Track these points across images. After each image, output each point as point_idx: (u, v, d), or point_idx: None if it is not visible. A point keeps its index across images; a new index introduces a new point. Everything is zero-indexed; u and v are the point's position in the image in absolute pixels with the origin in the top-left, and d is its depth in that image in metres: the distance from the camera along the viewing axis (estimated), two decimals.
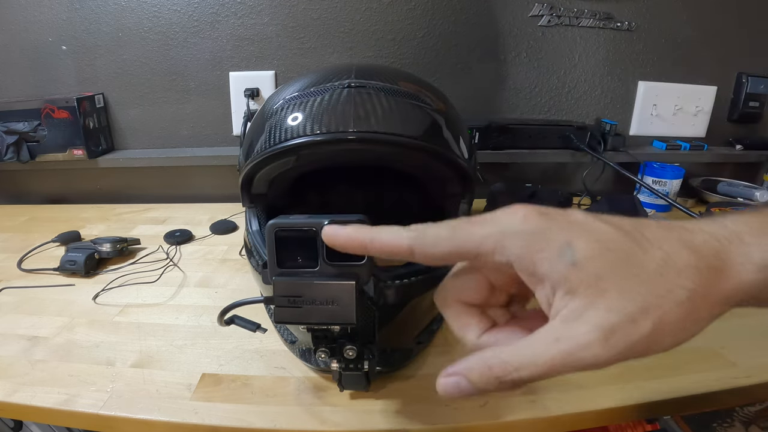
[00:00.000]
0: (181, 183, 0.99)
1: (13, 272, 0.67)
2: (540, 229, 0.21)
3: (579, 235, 0.21)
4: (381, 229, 0.25)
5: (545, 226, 0.21)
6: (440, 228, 0.24)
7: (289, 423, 0.40)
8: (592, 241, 0.21)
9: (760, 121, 1.02)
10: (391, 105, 0.42)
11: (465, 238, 0.23)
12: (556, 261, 0.21)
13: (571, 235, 0.21)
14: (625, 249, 0.20)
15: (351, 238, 0.25)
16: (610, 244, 0.20)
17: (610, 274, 0.20)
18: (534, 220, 0.22)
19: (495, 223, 0.23)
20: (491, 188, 0.83)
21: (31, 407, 0.43)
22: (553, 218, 0.22)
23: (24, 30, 0.90)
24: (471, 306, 0.26)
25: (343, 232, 0.26)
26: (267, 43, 0.91)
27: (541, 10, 0.90)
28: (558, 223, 0.21)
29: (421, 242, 0.23)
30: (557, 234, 0.21)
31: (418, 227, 0.24)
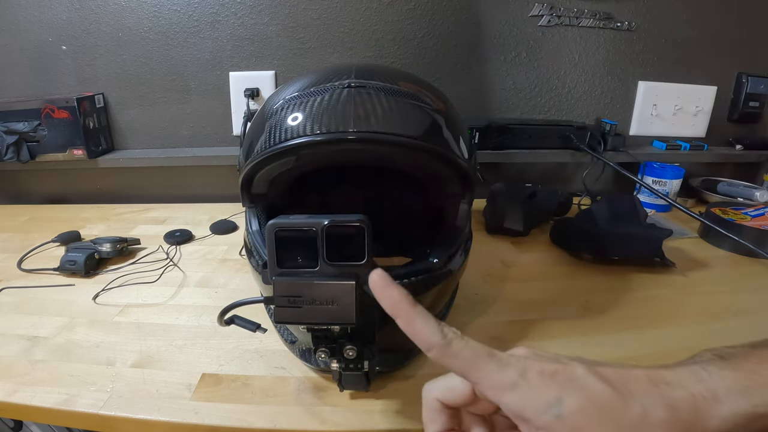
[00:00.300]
0: (181, 183, 0.99)
1: (13, 272, 0.67)
2: (540, 386, 0.24)
3: (572, 393, 0.24)
4: (421, 314, 0.27)
5: (545, 383, 0.24)
6: (465, 347, 0.26)
7: (289, 423, 0.40)
8: (582, 398, 0.24)
9: (760, 121, 1.02)
10: (391, 105, 0.42)
11: (477, 366, 0.26)
12: (543, 412, 0.24)
13: (565, 393, 0.24)
14: (608, 405, 0.23)
15: (391, 305, 0.28)
16: (597, 400, 0.24)
17: (588, 426, 0.23)
18: (539, 377, 0.25)
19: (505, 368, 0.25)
20: (491, 188, 0.83)
21: (31, 407, 0.43)
22: (556, 376, 0.25)
23: (24, 30, 0.90)
24: (447, 407, 0.29)
25: (386, 294, 0.28)
26: (267, 43, 0.91)
27: (541, 10, 0.90)
28: (557, 381, 0.24)
29: (443, 350, 0.26)
30: (552, 392, 0.24)
31: (449, 334, 0.27)
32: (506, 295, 0.61)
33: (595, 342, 0.51)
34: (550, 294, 0.61)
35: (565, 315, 0.56)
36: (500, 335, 0.52)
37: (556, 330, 0.53)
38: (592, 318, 0.56)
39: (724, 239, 0.72)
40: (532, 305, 0.58)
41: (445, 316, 0.52)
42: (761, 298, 0.61)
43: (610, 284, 0.63)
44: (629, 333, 0.53)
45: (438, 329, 0.27)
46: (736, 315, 0.57)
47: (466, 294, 0.59)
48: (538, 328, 0.53)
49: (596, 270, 0.67)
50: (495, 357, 0.26)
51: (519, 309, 0.57)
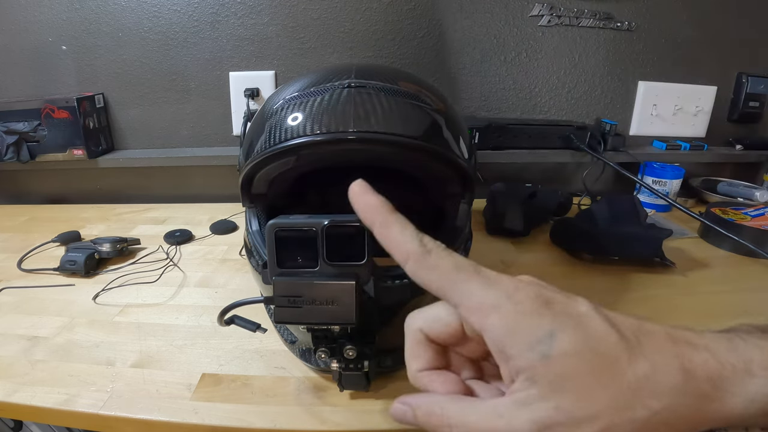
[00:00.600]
0: (181, 183, 0.99)
1: (13, 272, 0.67)
2: (531, 312, 0.21)
3: (568, 329, 0.20)
4: (398, 221, 0.24)
5: (538, 310, 0.21)
6: (447, 258, 0.23)
7: (289, 423, 0.40)
8: (579, 338, 0.20)
9: (760, 121, 1.02)
10: (391, 105, 0.42)
11: (458, 283, 0.22)
12: (528, 347, 0.20)
13: (560, 326, 0.20)
14: (611, 354, 0.20)
15: (368, 211, 0.25)
16: (598, 345, 0.20)
17: (579, 376, 0.19)
18: (532, 301, 0.21)
19: (493, 286, 0.22)
20: (491, 188, 0.83)
21: (31, 407, 0.43)
22: (552, 305, 0.21)
23: (24, 30, 0.90)
24: (431, 342, 0.26)
25: (365, 199, 0.25)
26: (267, 43, 0.91)
27: (541, 10, 0.90)
28: (553, 310, 0.21)
29: (418, 259, 0.23)
30: (544, 321, 0.20)
31: (429, 244, 0.23)
32: None
33: None
34: None
35: None
36: None
37: None
38: None
39: (724, 239, 0.72)
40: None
41: None
42: (761, 298, 0.61)
43: (610, 284, 0.63)
44: None
45: (416, 237, 0.23)
46: (736, 315, 0.56)
47: None
48: None
49: (596, 270, 0.67)
50: (482, 274, 0.22)
51: None
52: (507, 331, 0.21)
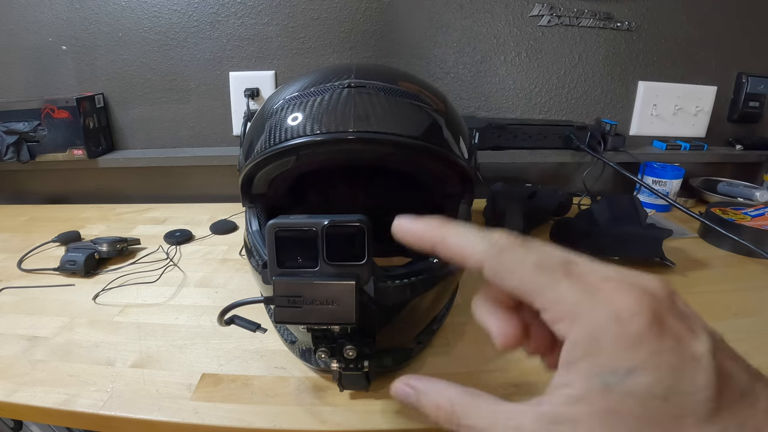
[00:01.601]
0: (181, 183, 0.99)
1: (13, 272, 0.67)
2: (628, 338, 0.17)
3: (660, 370, 0.17)
4: (455, 229, 0.22)
5: (638, 339, 0.17)
6: (525, 257, 0.19)
7: (289, 423, 0.40)
8: (663, 384, 0.16)
9: (760, 121, 1.02)
10: (391, 105, 0.42)
11: (544, 287, 0.19)
12: (597, 374, 0.17)
13: (651, 364, 0.17)
14: (683, 412, 0.16)
15: (420, 238, 0.23)
16: (678, 396, 0.16)
17: (631, 419, 0.17)
18: (637, 326, 0.17)
19: (593, 294, 0.18)
20: (491, 188, 0.83)
21: (31, 407, 0.43)
22: (663, 334, 0.17)
23: (24, 30, 0.90)
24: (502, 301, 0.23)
25: (414, 228, 0.23)
26: (267, 43, 0.91)
27: (541, 10, 0.90)
28: (660, 343, 0.17)
29: (495, 263, 0.20)
30: (637, 355, 0.17)
31: (500, 241, 0.20)
32: None
33: None
34: None
35: None
36: None
37: None
38: None
39: (724, 239, 0.72)
40: None
41: (444, 316, 0.52)
42: (761, 298, 0.61)
43: None
44: None
45: (481, 238, 0.20)
46: (736, 315, 0.57)
47: (466, 294, 0.59)
48: None
49: None
50: (574, 275, 0.19)
51: None
52: (589, 349, 0.18)
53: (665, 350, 0.17)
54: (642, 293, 0.18)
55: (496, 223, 0.78)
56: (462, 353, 0.49)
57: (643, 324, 0.17)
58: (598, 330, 0.17)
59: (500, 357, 0.48)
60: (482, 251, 0.20)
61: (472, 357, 0.48)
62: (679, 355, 0.17)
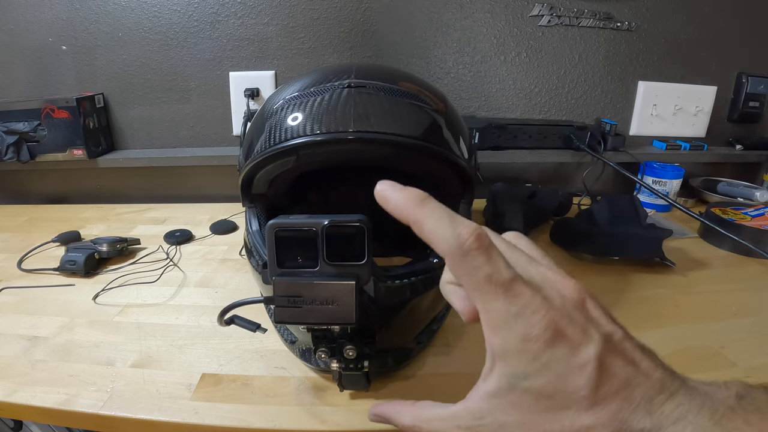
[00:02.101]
0: (181, 183, 0.99)
1: (13, 272, 0.67)
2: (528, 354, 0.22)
3: (547, 377, 0.22)
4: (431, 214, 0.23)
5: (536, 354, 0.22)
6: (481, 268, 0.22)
7: (289, 423, 0.40)
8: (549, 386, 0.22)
9: (760, 121, 1.02)
10: (391, 105, 0.42)
11: (485, 296, 0.22)
12: (504, 374, 0.23)
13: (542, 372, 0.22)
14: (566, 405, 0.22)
15: (400, 213, 0.24)
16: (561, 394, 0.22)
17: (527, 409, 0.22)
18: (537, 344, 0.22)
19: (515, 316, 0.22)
20: (491, 188, 0.82)
21: (31, 407, 0.42)
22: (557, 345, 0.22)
23: (24, 30, 0.90)
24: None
25: (394, 200, 0.24)
26: (267, 43, 0.91)
27: (541, 10, 0.90)
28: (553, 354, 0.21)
29: (456, 262, 0.23)
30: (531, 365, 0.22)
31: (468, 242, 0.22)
32: None
33: None
34: None
35: None
36: None
37: None
38: None
39: (724, 239, 0.72)
40: None
41: (444, 316, 0.52)
42: (761, 298, 0.61)
43: (610, 284, 0.63)
44: None
45: (452, 230, 0.22)
46: (736, 315, 0.57)
47: None
48: None
49: (596, 270, 0.67)
50: (512, 292, 0.22)
51: None
52: (500, 355, 0.23)
53: (556, 361, 0.22)
54: (552, 313, 0.22)
55: (496, 223, 0.78)
56: (462, 353, 0.49)
57: (541, 344, 0.22)
58: (509, 345, 0.22)
59: None
60: (449, 247, 0.22)
61: (472, 357, 0.48)
62: (566, 364, 0.22)
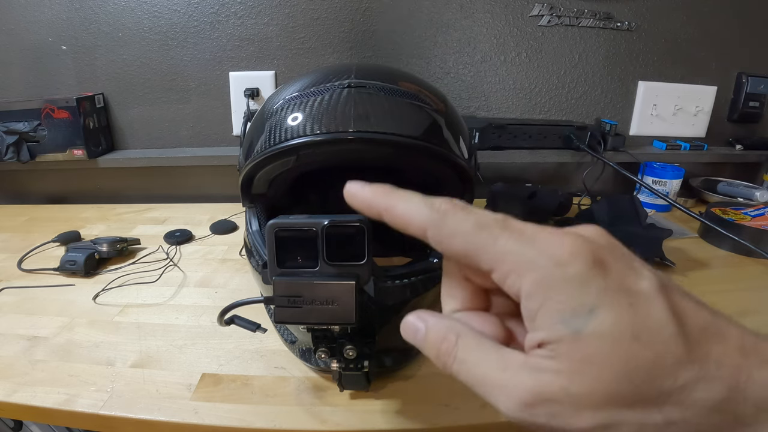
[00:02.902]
0: (181, 183, 0.99)
1: (13, 272, 0.67)
2: (574, 278, 0.17)
3: (615, 307, 0.17)
4: (401, 197, 0.22)
5: (584, 277, 0.17)
6: (466, 219, 0.20)
7: (289, 423, 0.40)
8: (625, 321, 0.17)
9: (760, 121, 1.02)
10: (391, 105, 0.42)
11: (486, 244, 0.19)
12: (560, 320, 0.17)
13: (606, 302, 0.17)
14: (658, 349, 0.16)
15: (368, 205, 0.22)
16: (647, 334, 0.16)
17: (608, 363, 0.17)
18: (579, 265, 0.17)
19: (529, 242, 0.18)
20: (491, 188, 0.82)
21: (31, 407, 0.43)
22: (606, 272, 0.17)
23: (24, 30, 0.90)
24: (468, 280, 0.23)
25: (362, 194, 0.23)
26: (267, 43, 0.91)
27: (541, 10, 0.90)
28: (606, 279, 0.17)
29: (437, 228, 0.20)
30: (589, 292, 0.17)
31: (443, 206, 0.20)
32: None
33: None
34: None
35: None
36: None
37: None
38: None
39: (724, 239, 0.72)
40: None
41: None
42: (761, 298, 0.61)
43: None
44: None
45: (424, 203, 0.21)
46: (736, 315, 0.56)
47: None
48: None
49: None
50: (512, 228, 0.19)
51: None
52: (542, 298, 0.17)
53: (612, 287, 0.17)
54: (577, 237, 0.18)
55: None
56: None
57: (584, 263, 0.17)
58: (544, 276, 0.17)
59: None
60: (425, 216, 0.20)
61: None
62: (626, 292, 0.17)
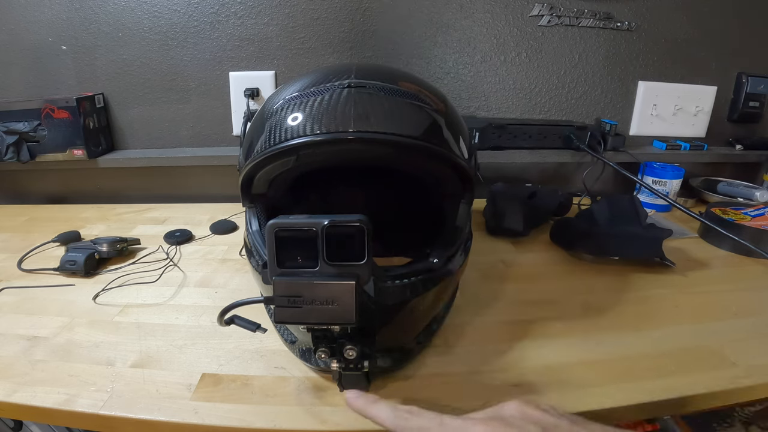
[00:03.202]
0: (181, 183, 0.99)
1: (13, 272, 0.67)
2: None
3: None
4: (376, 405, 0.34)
5: None
6: (416, 421, 0.31)
7: (289, 423, 0.40)
8: None
9: (760, 121, 1.02)
10: (391, 105, 0.42)
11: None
12: None
13: None
14: None
15: (356, 409, 0.36)
16: None
17: None
18: None
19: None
20: (491, 188, 0.83)
21: (31, 407, 0.43)
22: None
23: (24, 30, 0.90)
24: None
25: (355, 404, 0.36)
26: (267, 43, 0.91)
27: (541, 10, 0.90)
28: None
29: (396, 426, 0.31)
30: None
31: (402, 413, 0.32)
32: (506, 295, 0.61)
33: (594, 342, 0.51)
34: (550, 294, 0.61)
35: (565, 315, 0.56)
36: (500, 335, 0.52)
37: (556, 330, 0.53)
38: (591, 318, 0.56)
39: (724, 239, 0.72)
40: (532, 305, 0.58)
41: (444, 316, 0.52)
42: (761, 298, 0.61)
43: (610, 284, 0.63)
44: (629, 333, 0.53)
45: (393, 411, 0.32)
46: (736, 315, 0.57)
47: (466, 294, 0.59)
48: (538, 328, 0.53)
49: (596, 270, 0.67)
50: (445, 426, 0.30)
51: (519, 309, 0.57)
52: None
53: None
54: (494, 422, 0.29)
55: (496, 223, 0.78)
56: (462, 353, 0.49)
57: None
58: None
59: (500, 357, 0.48)
60: (388, 417, 0.32)
61: (471, 357, 0.48)
62: None
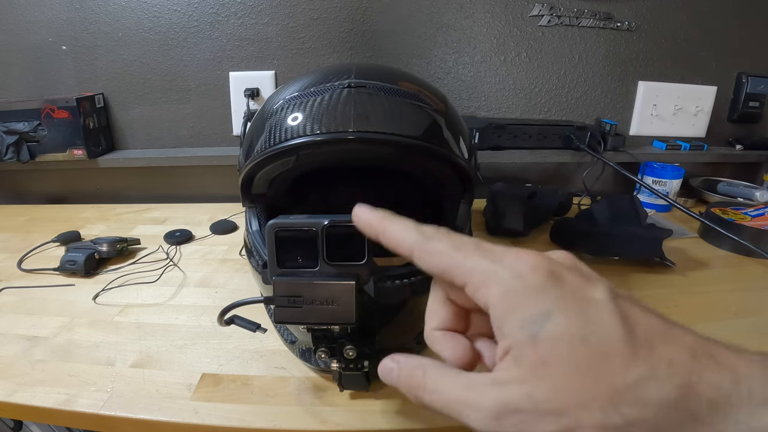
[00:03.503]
0: (181, 183, 0.99)
1: (13, 272, 0.67)
2: (533, 288, 0.20)
3: (568, 312, 0.19)
4: (396, 221, 0.25)
5: (541, 287, 0.20)
6: (444, 241, 0.23)
7: (289, 423, 0.40)
8: (577, 324, 0.18)
9: (760, 121, 1.02)
10: (391, 105, 0.42)
11: (460, 261, 0.22)
12: (520, 326, 0.19)
13: (560, 308, 0.19)
14: (607, 350, 0.18)
15: (369, 225, 0.26)
16: (596, 337, 0.18)
17: (563, 365, 0.18)
18: (538, 277, 0.20)
19: (497, 259, 0.21)
20: (491, 188, 0.83)
21: (31, 407, 0.43)
22: (562, 283, 0.20)
23: (24, 30, 0.90)
24: (452, 302, 0.25)
25: (366, 216, 0.26)
26: (267, 43, 0.91)
27: (541, 10, 0.90)
28: (561, 289, 0.20)
29: (420, 248, 0.23)
30: (545, 300, 0.19)
31: (428, 231, 0.24)
32: None
33: None
34: None
35: None
36: None
37: None
38: None
39: (724, 239, 0.72)
40: None
41: None
42: (761, 298, 0.61)
43: None
44: None
45: (414, 228, 0.24)
46: (736, 315, 0.57)
47: None
48: None
49: (596, 270, 0.67)
50: (483, 248, 0.22)
51: None
52: (506, 307, 0.20)
53: (566, 295, 0.19)
54: (539, 254, 0.21)
55: (496, 223, 0.78)
56: None
57: (541, 276, 0.20)
58: (508, 287, 0.20)
59: None
60: (413, 239, 0.24)
61: None
62: (579, 300, 0.19)
